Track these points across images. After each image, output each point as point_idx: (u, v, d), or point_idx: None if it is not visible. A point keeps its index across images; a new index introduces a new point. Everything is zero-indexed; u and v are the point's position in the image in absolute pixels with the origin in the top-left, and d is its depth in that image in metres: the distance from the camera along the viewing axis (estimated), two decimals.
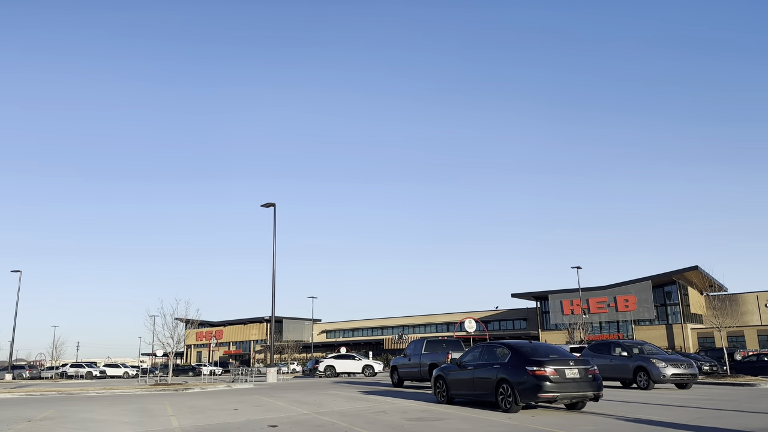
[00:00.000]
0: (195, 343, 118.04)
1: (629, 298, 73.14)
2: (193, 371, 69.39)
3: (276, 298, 36.41)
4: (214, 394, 21.26)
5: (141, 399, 19.58)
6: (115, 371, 68.29)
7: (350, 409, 14.07)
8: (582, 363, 12.33)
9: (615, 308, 73.87)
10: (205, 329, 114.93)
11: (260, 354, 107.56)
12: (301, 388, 24.08)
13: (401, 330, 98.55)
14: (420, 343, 22.48)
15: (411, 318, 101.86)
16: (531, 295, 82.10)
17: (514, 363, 12.40)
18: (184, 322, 27.11)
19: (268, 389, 24.21)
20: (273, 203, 37.67)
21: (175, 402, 17.56)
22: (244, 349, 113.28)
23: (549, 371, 11.83)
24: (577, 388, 11.95)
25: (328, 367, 43.74)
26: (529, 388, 11.86)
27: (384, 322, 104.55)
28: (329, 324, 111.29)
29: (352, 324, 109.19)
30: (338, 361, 43.95)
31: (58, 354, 61.56)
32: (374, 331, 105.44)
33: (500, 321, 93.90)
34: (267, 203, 37.73)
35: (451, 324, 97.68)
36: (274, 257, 37.01)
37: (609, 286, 74.57)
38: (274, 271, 36.82)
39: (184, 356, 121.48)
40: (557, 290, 79.04)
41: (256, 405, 15.72)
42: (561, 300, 78.31)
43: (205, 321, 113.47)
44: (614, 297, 74.30)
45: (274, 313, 36.48)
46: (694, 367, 19.89)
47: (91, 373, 64.26)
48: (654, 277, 71.64)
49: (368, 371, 43.45)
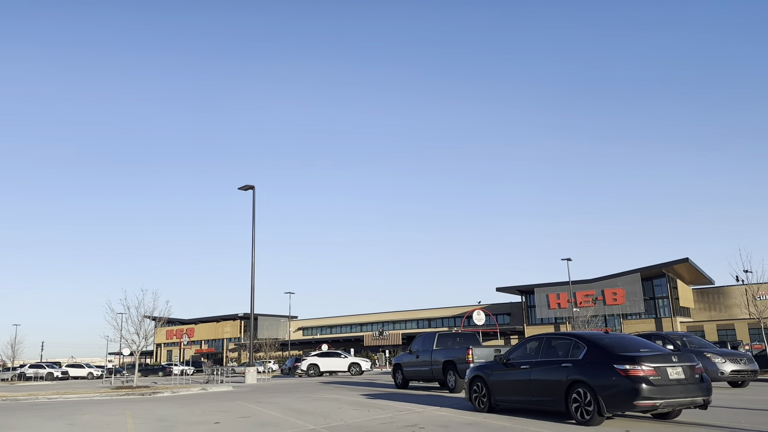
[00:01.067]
0: (165, 342, 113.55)
1: (617, 291, 71.14)
2: (163, 371, 65.40)
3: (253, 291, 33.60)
4: (187, 400, 17.85)
5: (98, 407, 16.10)
6: (78, 372, 64.00)
7: (368, 421, 10.85)
8: (686, 359, 9.32)
9: (603, 302, 71.77)
10: (176, 327, 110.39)
11: (234, 353, 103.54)
12: (289, 391, 20.78)
13: (381, 326, 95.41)
14: (430, 337, 19.34)
15: (391, 314, 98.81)
16: (516, 288, 79.73)
17: (594, 360, 9.34)
18: (151, 318, 23.60)
19: (251, 392, 20.86)
20: (252, 186, 34.20)
21: (140, 411, 14.14)
22: (216, 347, 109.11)
23: (647, 370, 8.80)
24: (684, 392, 8.95)
25: (312, 366, 40.46)
26: (620, 393, 8.80)
27: (363, 319, 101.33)
28: (306, 321, 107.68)
29: (329, 321, 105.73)
30: (322, 359, 40.71)
31: (14, 354, 56.97)
32: (353, 328, 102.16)
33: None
34: (245, 185, 34.23)
35: (433, 320, 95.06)
36: (253, 245, 33.58)
37: (597, 279, 72.48)
38: (253, 261, 33.38)
39: (154, 355, 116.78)
40: (543, 284, 76.79)
41: (242, 416, 12.40)
42: (547, 294, 76.08)
43: (176, 319, 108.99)
44: (602, 290, 72.23)
45: (254, 308, 33.03)
46: (754, 363, 17.14)
47: (52, 374, 59.96)
48: (643, 270, 69.74)
49: (355, 369, 40.30)
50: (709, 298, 76.98)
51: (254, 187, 34.25)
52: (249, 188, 34.40)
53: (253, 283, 32.98)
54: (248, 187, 34.34)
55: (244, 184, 34.11)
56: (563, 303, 74.68)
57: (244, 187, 34.29)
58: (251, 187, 34.25)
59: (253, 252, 33.40)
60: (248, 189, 34.51)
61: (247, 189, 34.51)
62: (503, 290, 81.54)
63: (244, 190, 34.52)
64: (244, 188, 34.41)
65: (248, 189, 34.51)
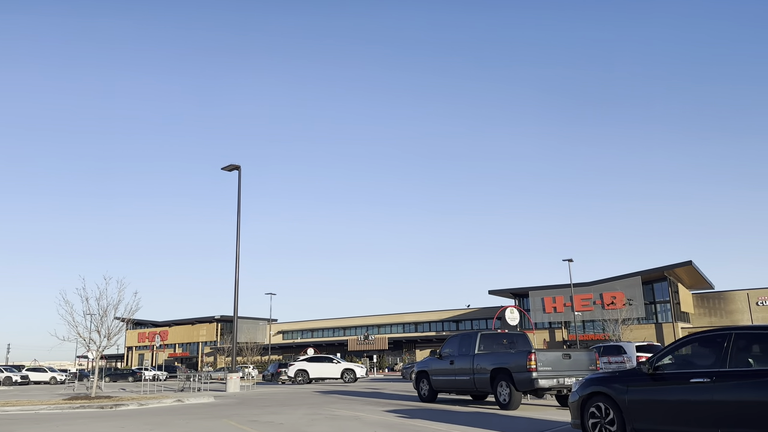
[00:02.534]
0: (137, 345, 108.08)
1: (617, 294, 67.89)
2: (133, 376, 60.60)
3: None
4: (157, 417, 13.61)
5: (32, 427, 11.80)
6: (40, 376, 58.88)
7: None
8: None
9: (601, 306, 68.49)
10: (148, 330, 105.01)
11: (210, 357, 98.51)
12: (286, 404, 16.64)
13: (366, 330, 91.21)
14: (469, 339, 15.30)
15: (376, 317, 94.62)
16: (509, 291, 76.14)
17: None
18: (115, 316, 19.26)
19: (239, 405, 16.67)
20: (237, 165, 30.01)
21: None
22: (191, 351, 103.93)
23: None
24: None
25: (300, 372, 36.23)
26: None
27: (347, 322, 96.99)
28: (285, 324, 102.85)
29: (311, 324, 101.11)
30: (312, 365, 36.49)
31: None
32: (336, 332, 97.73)
33: (472, 320, 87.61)
34: (230, 165, 30.00)
35: (420, 324, 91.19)
36: (238, 232, 29.35)
37: (595, 282, 69.18)
38: (237, 250, 29.15)
39: (125, 359, 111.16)
40: (539, 286, 73.34)
41: None
42: (542, 297, 72.64)
43: (148, 320, 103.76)
44: (600, 294, 68.95)
45: (237, 304, 28.76)
46: None
47: (11, 378, 54.71)
48: (644, 273, 66.61)
49: (348, 376, 36.15)
50: (710, 303, 74.20)
51: (240, 167, 30.08)
52: (234, 168, 30.21)
53: (237, 276, 28.77)
54: (233, 167, 30.15)
55: (229, 164, 29.91)
56: (559, 307, 71.34)
57: (228, 167, 30.07)
58: (236, 167, 30.07)
59: (238, 239, 29.19)
60: (233, 170, 30.32)
61: (232, 170, 30.32)
62: (496, 293, 77.95)
63: (228, 170, 30.30)
64: (228, 168, 30.20)
65: (233, 170, 30.32)
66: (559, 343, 71.81)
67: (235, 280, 28.55)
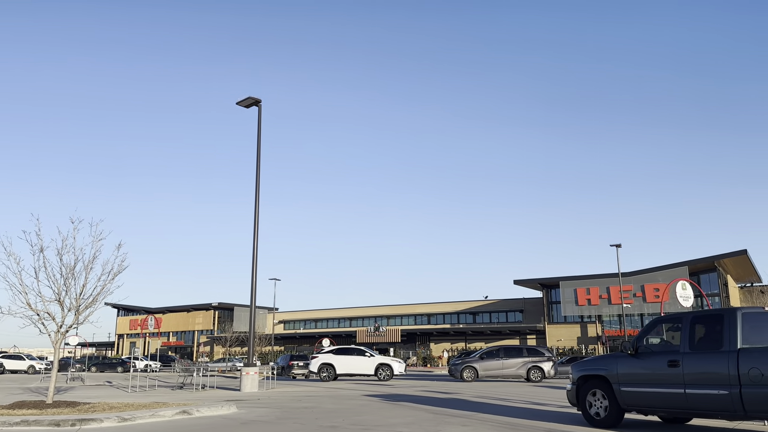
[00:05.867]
0: (128, 333, 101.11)
1: (660, 286, 61.24)
2: (122, 366, 53.91)
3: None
4: None
5: None
6: (17, 365, 52.01)
7: None
8: None
9: (642, 298, 62.02)
10: (140, 317, 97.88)
11: (206, 347, 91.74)
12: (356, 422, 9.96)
13: (375, 321, 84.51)
14: (715, 321, 8.48)
15: (385, 308, 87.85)
16: (537, 281, 69.43)
17: None
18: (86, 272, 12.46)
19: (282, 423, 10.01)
20: (257, 100, 23.20)
21: None
22: (186, 340, 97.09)
23: None
24: None
25: (325, 366, 29.56)
26: None
27: (353, 312, 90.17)
28: (287, 314, 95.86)
29: (315, 314, 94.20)
30: (340, 358, 29.80)
31: None
32: (341, 322, 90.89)
33: (491, 313, 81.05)
34: (248, 99, 23.16)
35: (433, 315, 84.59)
36: (258, 175, 22.60)
37: (635, 273, 62.51)
38: (256, 210, 22.42)
39: (116, 347, 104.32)
40: (571, 276, 66.66)
41: None
42: (575, 288, 65.92)
43: (140, 307, 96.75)
44: (641, 285, 62.37)
45: (256, 273, 22.05)
46: None
47: None
48: (690, 263, 60.08)
49: (384, 373, 29.46)
50: (757, 298, 67.78)
51: (260, 102, 23.30)
52: (253, 104, 23.39)
53: (256, 243, 22.03)
54: (252, 102, 23.32)
55: (247, 96, 23.08)
56: (594, 299, 64.74)
57: (245, 101, 23.22)
58: (256, 102, 23.25)
59: (258, 186, 22.46)
60: (251, 105, 23.51)
61: (250, 105, 23.50)
62: (521, 283, 71.28)
63: (245, 106, 23.46)
64: (246, 104, 23.37)
65: (251, 105, 23.51)
66: (593, 339, 65.32)
67: (254, 242, 21.83)
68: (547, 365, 28.16)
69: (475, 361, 29.17)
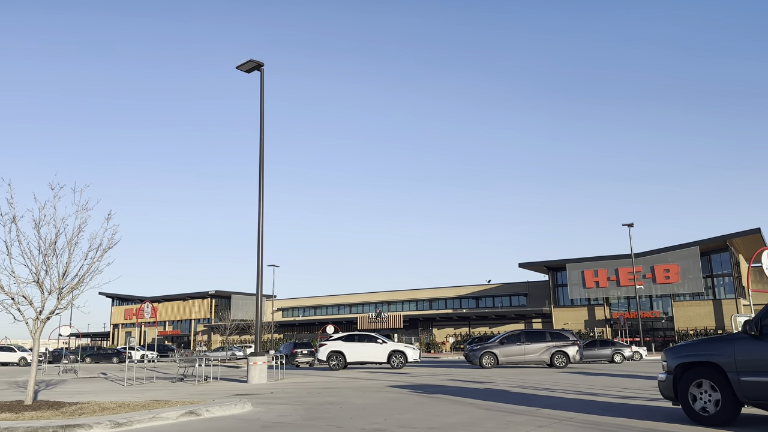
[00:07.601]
0: (123, 322, 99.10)
1: (671, 267, 59.71)
2: (118, 357, 52.01)
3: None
4: None
5: None
6: (7, 357, 49.95)
7: None
8: None
9: (653, 279, 60.34)
10: (135, 306, 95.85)
11: (204, 336, 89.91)
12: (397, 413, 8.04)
13: (376, 307, 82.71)
14: None
15: (386, 294, 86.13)
16: (542, 264, 67.68)
17: None
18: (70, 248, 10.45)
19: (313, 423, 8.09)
20: (260, 63, 21.07)
21: None
22: (183, 329, 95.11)
23: None
24: None
25: (334, 354, 27.68)
26: None
27: (353, 299, 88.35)
28: (286, 301, 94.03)
29: (314, 300, 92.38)
30: (350, 345, 27.92)
31: None
32: (341, 309, 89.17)
33: (494, 297, 79.44)
34: (249, 62, 21.01)
35: (434, 300, 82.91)
36: (261, 141, 20.61)
37: (645, 253, 60.81)
38: (261, 183, 20.38)
39: (111, 337, 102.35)
40: (577, 258, 64.93)
41: None
42: (582, 270, 64.19)
43: (134, 296, 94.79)
44: (651, 267, 60.67)
45: (261, 257, 20.07)
46: None
47: None
48: (702, 242, 58.41)
49: (397, 360, 27.62)
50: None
51: (263, 66, 21.18)
52: (255, 68, 21.26)
53: (261, 220, 20.01)
54: (254, 67, 21.19)
55: (248, 60, 20.95)
56: (602, 281, 63.04)
57: (245, 64, 21.08)
58: (258, 65, 21.12)
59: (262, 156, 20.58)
60: (253, 70, 21.38)
61: (252, 70, 21.37)
62: (526, 266, 69.50)
63: (246, 71, 21.31)
64: (247, 68, 21.21)
65: (253, 70, 21.38)
66: (600, 322, 63.75)
67: (259, 220, 19.82)
68: (572, 350, 26.34)
69: (495, 347, 27.35)
